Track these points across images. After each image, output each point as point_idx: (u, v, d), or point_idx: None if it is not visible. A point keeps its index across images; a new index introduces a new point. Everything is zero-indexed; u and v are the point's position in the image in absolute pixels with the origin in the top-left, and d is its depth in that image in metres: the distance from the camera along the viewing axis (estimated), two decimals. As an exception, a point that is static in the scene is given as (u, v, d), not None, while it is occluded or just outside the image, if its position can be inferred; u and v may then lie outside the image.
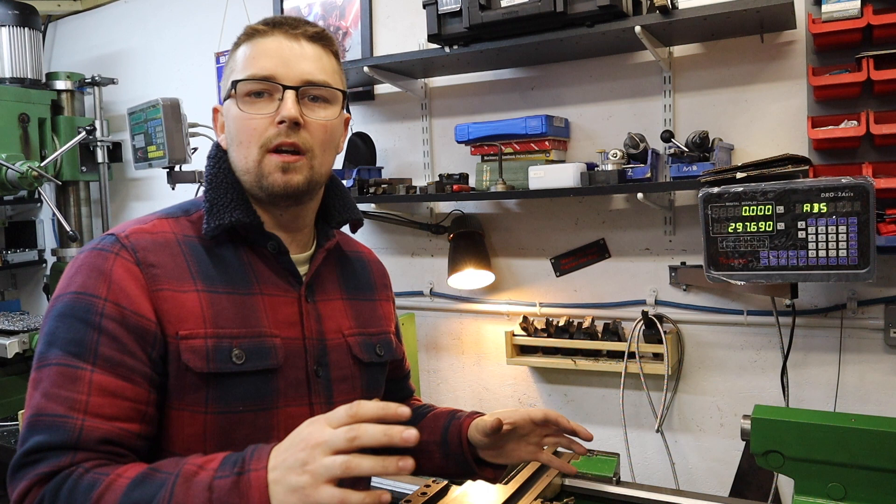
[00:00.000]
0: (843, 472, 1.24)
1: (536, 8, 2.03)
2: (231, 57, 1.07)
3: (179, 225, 1.05)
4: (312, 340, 1.08)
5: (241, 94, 1.03)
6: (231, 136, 1.06)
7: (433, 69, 2.51)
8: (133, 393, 0.93)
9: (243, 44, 1.06)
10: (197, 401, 0.97)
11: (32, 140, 3.11)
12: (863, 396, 2.10)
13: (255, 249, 1.07)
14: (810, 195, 1.69)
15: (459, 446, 1.21)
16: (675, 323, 2.33)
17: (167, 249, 1.00)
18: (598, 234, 2.43)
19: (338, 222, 1.17)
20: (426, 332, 2.77)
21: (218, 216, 1.03)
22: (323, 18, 2.91)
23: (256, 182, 1.03)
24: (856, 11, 1.86)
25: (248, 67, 1.03)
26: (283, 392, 1.03)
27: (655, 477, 2.39)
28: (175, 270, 0.99)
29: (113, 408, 0.91)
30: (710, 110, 2.23)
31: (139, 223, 1.03)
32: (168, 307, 0.96)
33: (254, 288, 1.04)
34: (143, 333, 0.94)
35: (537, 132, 2.28)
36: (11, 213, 3.66)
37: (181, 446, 0.97)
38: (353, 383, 1.13)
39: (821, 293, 2.13)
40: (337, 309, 1.14)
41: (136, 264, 0.97)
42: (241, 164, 1.05)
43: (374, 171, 2.66)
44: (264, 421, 1.01)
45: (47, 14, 3.64)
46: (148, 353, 0.94)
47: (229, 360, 0.97)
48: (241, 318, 1.01)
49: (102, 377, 0.91)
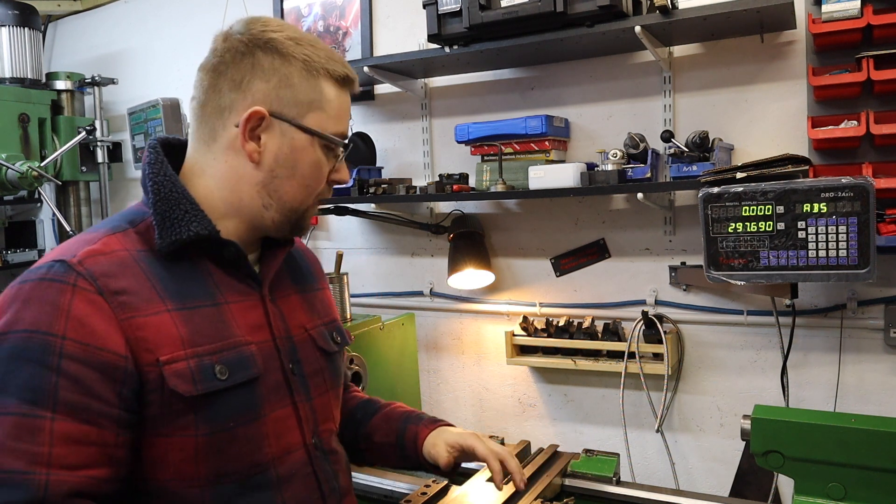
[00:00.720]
0: (843, 472, 1.24)
1: (536, 8, 2.03)
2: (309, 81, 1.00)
3: (129, 239, 0.96)
4: (283, 339, 1.06)
5: (324, 143, 1.02)
6: (297, 171, 1.01)
7: (433, 69, 2.51)
8: (99, 437, 0.86)
9: (330, 83, 1.02)
10: (186, 425, 0.92)
11: (32, 140, 3.11)
12: (863, 396, 2.10)
13: (210, 257, 1.01)
14: (810, 195, 1.69)
15: (415, 453, 1.23)
16: (675, 323, 2.33)
17: (127, 270, 0.92)
18: (598, 234, 2.43)
19: None
20: (426, 332, 2.77)
21: (173, 231, 0.96)
22: (323, 18, 2.91)
23: (297, 220, 1.05)
24: (856, 11, 1.86)
25: (338, 121, 1.03)
26: (266, 398, 1.00)
27: (655, 477, 2.39)
28: (142, 293, 0.92)
29: (79, 456, 0.84)
30: (710, 110, 2.23)
31: (86, 243, 0.93)
32: (143, 335, 0.90)
33: (217, 297, 0.99)
34: (110, 371, 0.87)
35: (537, 132, 2.28)
36: (11, 213, 3.66)
37: (172, 471, 0.93)
38: (323, 375, 1.12)
39: (821, 293, 2.13)
40: (294, 304, 1.13)
41: (98, 294, 0.88)
42: (294, 202, 1.03)
43: (374, 171, 2.66)
44: (255, 431, 0.98)
45: (47, 14, 3.64)
46: (117, 392, 0.87)
47: (214, 378, 0.93)
48: (215, 331, 0.96)
49: (64, 424, 0.83)
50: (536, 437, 2.54)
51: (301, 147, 1.00)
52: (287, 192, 1.02)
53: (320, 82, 1.01)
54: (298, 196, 1.02)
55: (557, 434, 2.57)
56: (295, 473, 1.03)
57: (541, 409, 2.61)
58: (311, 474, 1.05)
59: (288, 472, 1.02)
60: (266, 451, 0.99)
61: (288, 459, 1.02)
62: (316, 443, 1.07)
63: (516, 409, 2.65)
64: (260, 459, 0.98)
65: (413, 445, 1.23)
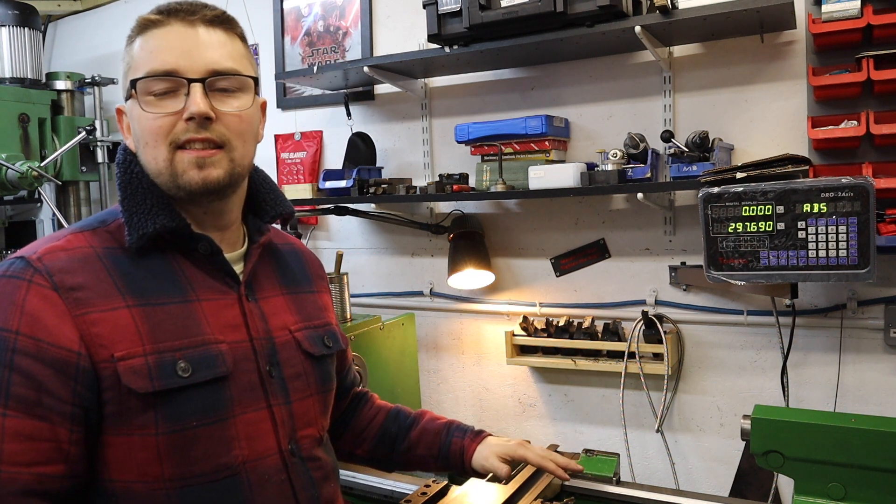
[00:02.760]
0: (843, 472, 1.24)
1: (536, 8, 2.03)
2: (126, 53, 0.99)
3: (98, 237, 0.96)
4: (261, 340, 1.02)
5: (142, 93, 0.95)
6: (137, 138, 0.98)
7: (433, 69, 2.51)
8: (52, 433, 0.85)
9: (137, 37, 0.97)
10: (146, 423, 0.89)
11: (32, 140, 3.11)
12: (863, 396, 2.10)
13: (186, 254, 1.00)
14: (810, 195, 1.69)
15: (461, 464, 1.29)
16: (675, 323, 2.33)
17: (87, 266, 0.91)
18: (598, 234, 2.43)
19: (271, 217, 1.11)
20: (426, 332, 2.77)
21: (140, 225, 0.95)
22: (323, 18, 2.91)
23: (172, 182, 0.96)
24: (856, 11, 1.86)
25: (147, 63, 0.95)
26: (237, 399, 0.96)
27: (655, 477, 2.39)
28: (99, 288, 0.90)
29: (32, 453, 0.84)
30: (710, 110, 2.23)
31: (51, 240, 0.93)
32: (97, 330, 0.88)
33: (189, 295, 0.97)
34: (63, 367, 0.86)
35: (537, 132, 2.28)
36: (11, 213, 3.66)
37: (135, 471, 0.90)
38: (306, 379, 1.08)
39: (821, 293, 2.13)
40: (279, 305, 1.09)
41: (53, 289, 0.87)
42: (152, 165, 0.97)
43: (374, 171, 2.66)
44: (221, 432, 0.94)
45: (47, 14, 3.63)
46: (71, 388, 0.86)
47: (174, 375, 0.90)
48: (180, 328, 0.94)
49: (16, 421, 0.83)
50: (536, 437, 2.54)
51: (130, 114, 0.99)
52: (145, 160, 0.98)
53: (132, 46, 0.98)
54: (149, 156, 0.96)
55: (557, 434, 2.57)
56: (268, 479, 0.99)
57: (541, 409, 2.61)
58: (285, 481, 1.01)
59: (260, 477, 0.98)
60: (235, 453, 0.96)
61: (261, 465, 0.98)
62: (293, 449, 1.03)
63: (516, 409, 2.65)
64: (229, 462, 0.95)
65: (459, 459, 1.29)
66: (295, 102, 3.00)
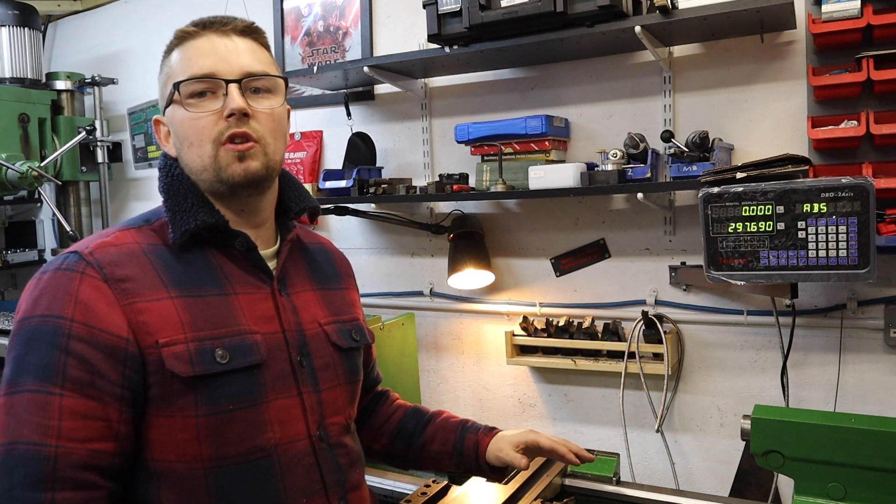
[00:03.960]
0: (843, 472, 1.25)
1: (536, 8, 2.03)
2: (165, 64, 1.08)
3: (143, 235, 1.05)
4: (293, 332, 1.09)
5: (184, 97, 1.03)
6: (181, 139, 1.06)
7: (433, 69, 2.51)
8: (104, 413, 0.93)
9: (175, 48, 1.07)
10: (186, 405, 0.97)
11: (32, 140, 3.11)
12: (863, 396, 2.10)
13: (223, 250, 1.07)
14: (810, 195, 1.69)
15: (475, 460, 1.33)
16: (675, 323, 2.33)
17: (134, 260, 1.00)
18: (598, 234, 2.43)
19: (296, 213, 1.18)
20: (426, 332, 2.77)
21: (182, 222, 1.03)
22: (323, 18, 2.91)
23: (216, 177, 1.04)
24: (856, 11, 1.86)
25: (187, 69, 1.03)
26: (270, 386, 1.04)
27: (655, 477, 2.39)
28: (146, 280, 0.99)
29: (86, 430, 0.91)
30: (710, 110, 2.23)
31: (101, 237, 1.03)
32: (144, 319, 0.96)
33: (226, 288, 1.05)
34: (113, 352, 0.94)
35: (537, 132, 2.28)
36: (11, 213, 3.66)
37: (175, 451, 0.98)
38: (335, 370, 1.15)
39: (821, 293, 2.13)
40: (310, 300, 1.16)
41: (103, 281, 0.96)
42: (196, 163, 1.05)
43: (374, 171, 2.66)
44: (255, 416, 1.01)
45: (47, 14, 3.64)
46: (121, 372, 0.94)
47: (213, 361, 0.98)
48: (218, 318, 1.01)
49: (72, 400, 0.91)
50: (536, 437, 2.54)
51: (171, 119, 1.07)
52: (189, 161, 1.06)
53: (169, 58, 1.07)
54: (194, 155, 1.04)
55: (557, 434, 2.54)
56: (298, 462, 1.05)
57: (541, 409, 2.61)
58: (313, 465, 1.07)
59: (290, 460, 1.04)
60: (268, 436, 1.02)
61: (291, 448, 1.05)
62: (321, 434, 1.09)
63: (516, 409, 2.65)
64: (262, 444, 1.02)
65: (473, 454, 1.33)
66: (295, 102, 3.00)
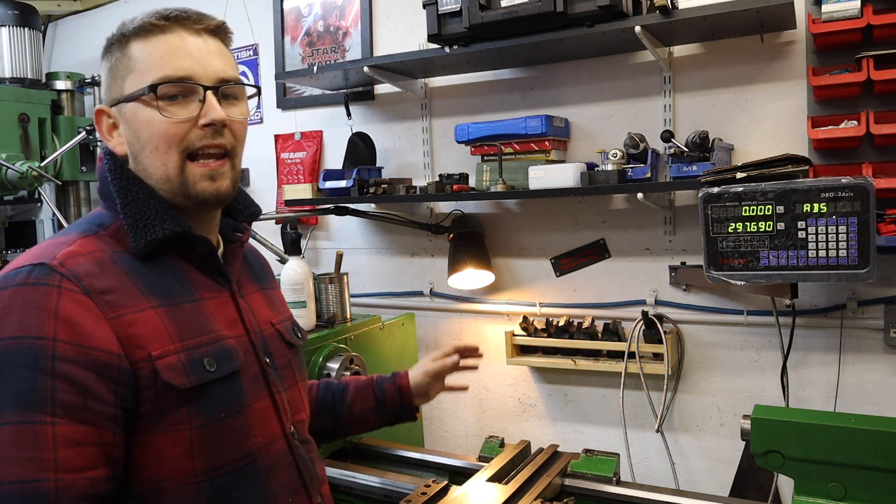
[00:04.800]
0: (843, 472, 1.25)
1: (536, 8, 2.03)
2: (121, 54, 0.99)
3: (102, 242, 0.97)
4: (256, 334, 1.08)
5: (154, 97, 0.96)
6: (142, 141, 0.98)
7: (433, 69, 2.51)
8: (99, 437, 0.86)
9: (138, 39, 0.98)
10: (179, 419, 0.93)
11: (32, 140, 3.11)
12: (863, 396, 2.10)
13: (183, 256, 1.03)
14: (810, 195, 1.69)
15: (401, 402, 1.46)
16: (675, 323, 2.33)
17: (108, 270, 0.93)
18: (598, 234, 2.43)
19: (245, 217, 1.15)
20: (426, 332, 2.77)
21: (148, 231, 0.97)
22: (323, 18, 2.91)
23: (181, 191, 0.99)
24: (856, 11, 1.86)
25: (160, 68, 0.96)
26: (248, 390, 1.02)
27: (655, 477, 2.39)
28: (126, 291, 0.93)
29: (83, 458, 0.85)
30: (710, 110, 2.23)
31: (62, 245, 0.93)
32: (133, 331, 0.90)
33: (195, 294, 1.01)
34: (106, 370, 0.87)
35: (537, 132, 2.28)
36: (11, 213, 3.66)
37: (166, 469, 0.92)
38: (291, 368, 1.15)
39: (821, 293, 2.13)
40: (259, 301, 1.16)
41: (84, 294, 0.88)
42: (158, 171, 0.98)
43: (374, 171, 2.66)
44: (242, 422, 1.00)
45: (47, 14, 3.63)
46: (114, 391, 0.88)
47: (203, 370, 0.95)
48: (198, 326, 0.98)
49: (66, 427, 0.83)
50: (536, 437, 2.54)
51: (132, 117, 0.99)
52: (148, 165, 0.99)
53: (128, 49, 0.99)
54: (156, 161, 0.98)
55: (557, 434, 2.57)
56: (278, 463, 1.05)
57: (541, 409, 2.61)
58: (292, 463, 1.08)
59: (272, 462, 1.04)
60: (253, 441, 1.02)
61: (272, 450, 1.05)
62: (293, 432, 1.10)
63: (516, 409, 2.65)
64: (248, 449, 1.01)
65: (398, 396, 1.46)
66: (295, 102, 3.00)
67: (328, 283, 2.20)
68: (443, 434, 2.81)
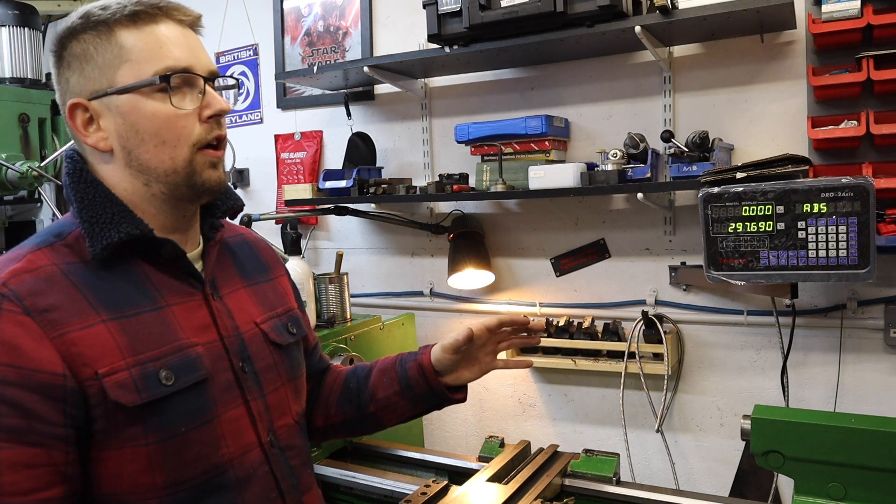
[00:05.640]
0: (843, 472, 1.25)
1: (536, 8, 2.03)
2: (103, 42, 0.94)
3: (57, 253, 0.93)
4: (231, 338, 1.03)
5: (155, 88, 0.93)
6: (143, 135, 0.94)
7: (433, 69, 2.51)
8: (49, 458, 0.84)
9: (124, 28, 0.94)
10: (135, 435, 0.89)
11: (32, 140, 3.11)
12: (863, 396, 2.10)
13: (148, 259, 0.98)
14: (810, 195, 1.69)
15: (426, 382, 1.24)
16: (675, 323, 2.33)
17: (55, 286, 0.89)
18: (598, 234, 2.43)
19: (223, 212, 1.11)
20: (426, 332, 2.77)
21: (104, 235, 0.92)
22: (323, 18, 2.91)
23: (185, 181, 0.96)
24: (856, 11, 1.86)
25: (162, 58, 0.93)
26: (218, 399, 0.97)
27: (655, 477, 2.39)
28: (73, 306, 0.88)
29: (30, 481, 0.83)
30: (710, 110, 2.23)
31: (10, 262, 0.90)
32: (78, 350, 0.86)
33: (158, 301, 0.96)
34: (50, 391, 0.84)
35: (537, 132, 2.28)
36: (11, 213, 3.65)
37: (126, 483, 0.90)
38: (277, 370, 1.09)
39: (821, 293, 2.13)
40: (242, 299, 1.09)
41: (25, 314, 0.85)
42: (165, 165, 0.95)
43: (374, 171, 2.66)
44: (209, 434, 0.96)
45: (47, 14, 3.63)
46: (61, 411, 0.85)
47: (159, 384, 0.90)
48: (156, 337, 0.93)
49: (11, 451, 0.82)
50: (536, 437, 2.54)
51: (129, 109, 0.94)
52: (150, 160, 0.95)
53: (114, 36, 0.94)
54: (161, 155, 0.95)
55: (557, 434, 2.57)
56: (252, 473, 1.01)
57: (541, 409, 2.61)
58: (268, 473, 1.03)
59: (245, 472, 1.00)
60: (223, 452, 0.97)
61: (245, 460, 1.00)
62: (272, 440, 1.05)
63: (516, 409, 2.65)
64: (217, 461, 0.96)
65: (421, 378, 1.24)
66: (295, 102, 3.00)
67: (328, 283, 2.21)
68: (443, 434, 2.81)
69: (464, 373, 1.28)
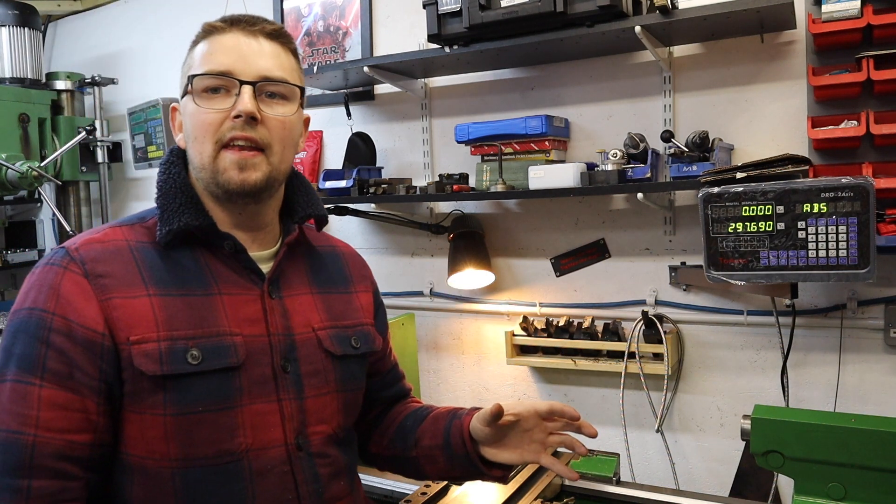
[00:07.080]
0: (843, 472, 1.25)
1: (536, 8, 2.03)
2: (189, 55, 1.07)
3: (134, 232, 1.05)
4: (279, 336, 1.06)
5: (197, 90, 1.02)
6: (188, 132, 1.05)
7: (433, 69, 2.51)
8: (81, 405, 0.94)
9: (201, 41, 1.06)
10: (155, 403, 0.96)
11: (32, 140, 3.11)
12: (863, 396, 2.10)
13: (212, 250, 1.06)
14: (810, 195, 1.69)
15: (463, 446, 1.16)
16: (675, 323, 2.33)
17: (118, 257, 1.00)
18: (598, 234, 2.43)
19: (300, 218, 1.15)
20: (426, 332, 2.77)
21: (168, 221, 1.03)
22: (323, 18, 2.91)
23: (212, 178, 1.03)
24: (856, 11, 1.86)
25: (206, 63, 1.03)
26: (246, 390, 1.01)
27: (655, 477, 2.39)
28: (126, 277, 0.99)
29: (64, 421, 0.93)
30: (710, 110, 2.23)
31: (92, 233, 1.04)
32: (118, 315, 0.96)
33: (212, 288, 1.03)
34: (90, 346, 0.95)
35: (537, 132, 2.28)
36: (11, 213, 3.66)
37: (145, 448, 0.98)
38: (325, 377, 1.10)
39: (821, 293, 2.13)
40: (306, 304, 1.13)
41: (84, 276, 0.97)
42: (197, 160, 1.04)
43: (374, 171, 2.66)
44: (227, 420, 0.99)
45: (47, 14, 3.63)
46: (98, 365, 0.95)
47: (184, 362, 0.97)
48: (197, 318, 1.00)
49: (51, 391, 0.93)
50: (536, 437, 2.54)
51: (183, 110, 1.07)
52: (193, 156, 1.05)
53: (194, 50, 1.06)
54: (195, 150, 1.04)
55: (557, 434, 2.56)
56: (270, 470, 1.02)
57: (541, 409, 2.60)
58: (288, 473, 1.04)
59: (262, 467, 1.02)
60: (239, 440, 1.00)
61: (264, 454, 1.02)
62: (300, 443, 1.05)
63: (516, 409, 2.65)
64: (232, 448, 0.99)
65: (460, 441, 1.16)
66: (295, 102, 3.00)
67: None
68: (443, 434, 2.81)
69: (503, 452, 1.17)
